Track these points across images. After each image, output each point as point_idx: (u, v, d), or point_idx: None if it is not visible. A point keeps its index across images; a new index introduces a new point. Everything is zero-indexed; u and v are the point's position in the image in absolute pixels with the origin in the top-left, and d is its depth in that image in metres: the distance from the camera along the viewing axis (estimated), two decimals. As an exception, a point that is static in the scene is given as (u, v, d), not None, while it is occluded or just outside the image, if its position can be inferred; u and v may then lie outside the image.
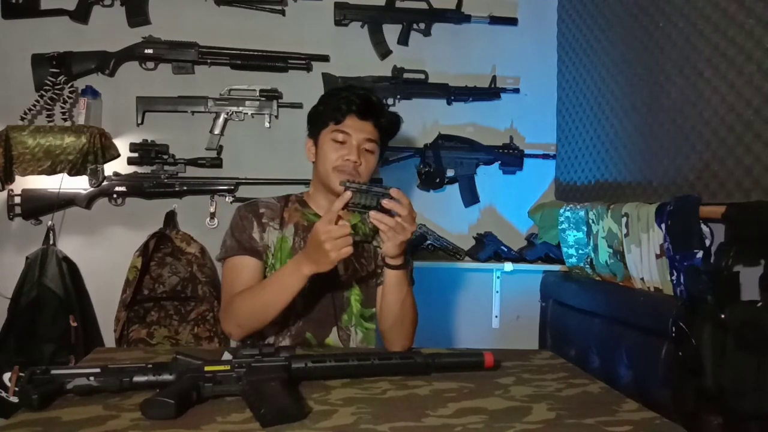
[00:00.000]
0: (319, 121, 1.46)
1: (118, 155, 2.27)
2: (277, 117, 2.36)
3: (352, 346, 1.44)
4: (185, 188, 2.29)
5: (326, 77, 2.37)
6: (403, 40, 2.45)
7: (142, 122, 2.30)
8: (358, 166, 1.41)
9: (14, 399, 2.07)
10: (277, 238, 1.43)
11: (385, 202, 1.21)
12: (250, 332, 1.36)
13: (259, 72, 2.36)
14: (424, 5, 2.45)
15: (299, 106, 2.32)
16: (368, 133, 1.43)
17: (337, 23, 2.41)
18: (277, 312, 1.32)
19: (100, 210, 2.31)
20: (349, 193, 1.21)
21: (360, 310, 1.46)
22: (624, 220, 1.86)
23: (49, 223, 2.23)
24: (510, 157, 2.49)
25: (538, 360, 1.34)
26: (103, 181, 2.24)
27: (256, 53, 2.34)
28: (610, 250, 1.95)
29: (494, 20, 2.48)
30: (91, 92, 2.23)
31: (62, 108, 2.21)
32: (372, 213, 1.22)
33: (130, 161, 2.27)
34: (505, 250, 2.41)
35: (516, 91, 2.50)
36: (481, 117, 2.52)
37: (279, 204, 1.49)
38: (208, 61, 2.32)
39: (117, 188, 2.26)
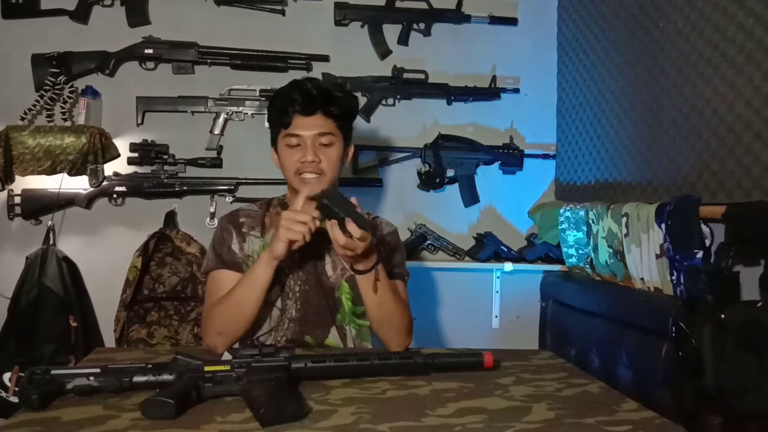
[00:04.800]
0: (272, 128, 1.44)
1: (118, 155, 2.27)
2: (277, 117, 2.36)
3: (350, 344, 1.44)
4: (185, 188, 2.29)
5: (326, 77, 2.36)
6: (403, 40, 2.45)
7: (142, 122, 2.30)
8: (319, 164, 1.37)
9: (14, 399, 2.07)
10: (259, 246, 1.42)
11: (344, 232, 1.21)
12: (232, 338, 1.33)
13: (259, 72, 2.36)
14: (424, 5, 2.45)
15: (299, 106, 2.32)
16: (319, 127, 1.37)
17: (337, 23, 2.41)
18: (252, 308, 1.31)
19: (100, 210, 2.31)
20: (317, 189, 1.28)
21: (352, 308, 1.45)
22: (624, 220, 1.86)
23: (49, 223, 2.23)
24: (510, 157, 2.49)
25: (537, 360, 1.34)
26: (103, 181, 2.24)
27: (256, 53, 2.34)
28: (610, 250, 1.95)
29: (494, 20, 2.48)
30: (91, 92, 2.23)
31: (62, 108, 2.21)
32: (328, 225, 1.22)
33: (130, 161, 2.27)
34: (505, 250, 2.41)
35: (516, 91, 2.50)
36: (481, 117, 2.52)
37: (260, 210, 1.48)
38: (208, 61, 2.32)
39: (117, 188, 2.26)
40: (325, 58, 2.39)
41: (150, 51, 2.29)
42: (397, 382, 1.11)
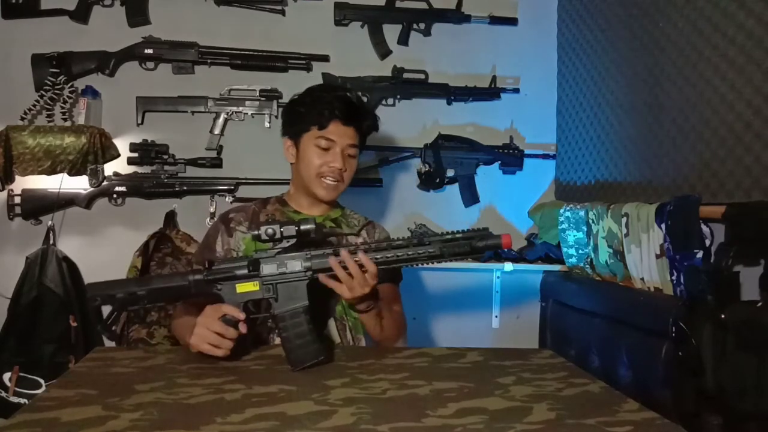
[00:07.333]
0: (300, 122, 1.46)
1: (118, 155, 2.27)
2: (277, 117, 2.35)
3: (348, 335, 1.47)
4: (185, 188, 2.29)
5: (326, 77, 2.36)
6: (403, 40, 2.45)
7: (142, 122, 2.30)
8: (344, 172, 1.45)
9: (14, 399, 2.07)
10: (244, 240, 1.44)
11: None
12: None
13: (259, 72, 2.36)
14: (424, 5, 2.45)
15: (299, 106, 2.32)
16: (351, 138, 1.45)
17: (337, 23, 2.41)
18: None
19: (100, 210, 2.31)
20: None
21: None
22: (624, 220, 1.86)
23: (49, 223, 2.23)
24: (510, 157, 2.49)
25: (538, 359, 1.33)
26: (103, 181, 2.24)
27: (256, 53, 2.34)
28: (610, 250, 1.95)
29: (494, 20, 2.48)
30: (91, 92, 2.23)
31: (62, 108, 2.21)
32: (323, 278, 1.21)
33: (130, 161, 2.27)
34: (505, 250, 2.40)
35: (516, 91, 2.50)
36: (481, 117, 2.52)
37: (253, 207, 1.52)
38: (208, 61, 2.32)
39: (117, 188, 2.26)
40: (325, 58, 2.39)
41: (150, 51, 2.29)
42: (397, 381, 1.11)
